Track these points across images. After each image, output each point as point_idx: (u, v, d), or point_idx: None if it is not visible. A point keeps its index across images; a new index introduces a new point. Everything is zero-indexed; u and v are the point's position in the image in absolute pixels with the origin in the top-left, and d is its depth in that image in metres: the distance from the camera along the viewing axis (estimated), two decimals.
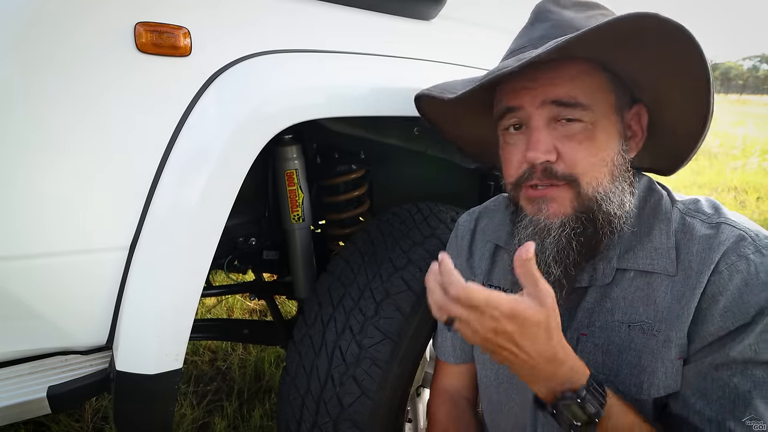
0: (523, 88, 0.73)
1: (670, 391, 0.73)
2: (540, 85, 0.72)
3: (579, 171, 0.72)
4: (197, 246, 0.80)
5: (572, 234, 0.73)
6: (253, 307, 2.70)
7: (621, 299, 0.77)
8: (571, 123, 0.71)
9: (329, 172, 1.37)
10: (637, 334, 0.75)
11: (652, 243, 0.76)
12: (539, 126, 0.72)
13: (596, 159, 0.72)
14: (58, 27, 0.67)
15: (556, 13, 0.77)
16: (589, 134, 0.71)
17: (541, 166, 0.72)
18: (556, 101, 0.71)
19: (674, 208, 0.78)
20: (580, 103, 0.70)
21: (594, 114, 0.71)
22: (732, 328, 0.68)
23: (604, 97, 0.72)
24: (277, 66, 0.87)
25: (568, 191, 0.73)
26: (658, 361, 0.73)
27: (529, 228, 0.76)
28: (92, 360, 0.89)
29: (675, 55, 0.65)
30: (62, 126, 0.69)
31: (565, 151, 0.72)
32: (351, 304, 1.02)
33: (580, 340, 0.79)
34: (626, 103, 0.76)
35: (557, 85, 0.71)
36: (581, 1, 0.79)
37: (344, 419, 0.94)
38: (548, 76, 0.71)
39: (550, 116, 0.72)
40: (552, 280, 0.75)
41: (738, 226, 0.73)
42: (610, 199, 0.73)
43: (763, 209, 5.14)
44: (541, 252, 0.74)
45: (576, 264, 0.75)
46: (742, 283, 0.68)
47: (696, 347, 0.71)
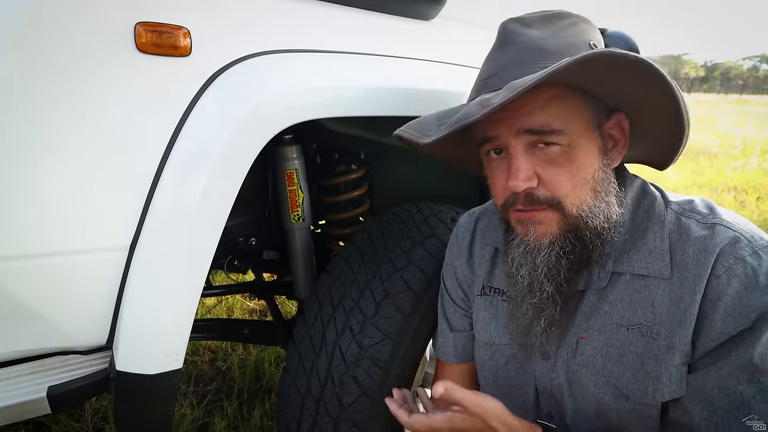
0: (497, 119, 0.73)
1: (675, 396, 0.73)
2: (513, 114, 0.71)
3: (561, 194, 0.72)
4: (197, 246, 0.80)
5: (561, 252, 0.74)
6: (253, 307, 2.70)
7: (618, 302, 0.77)
8: (548, 147, 0.71)
9: (329, 172, 1.37)
10: (636, 337, 0.75)
11: (647, 246, 0.76)
12: (517, 153, 0.72)
13: (577, 179, 0.72)
14: (58, 27, 0.67)
15: (522, 35, 0.75)
16: (568, 156, 0.71)
17: (524, 193, 0.73)
18: (530, 130, 0.71)
19: (668, 210, 0.78)
20: (554, 129, 0.70)
21: (570, 136, 0.71)
22: (734, 332, 0.68)
23: (579, 116, 0.72)
24: (277, 66, 0.87)
25: (554, 213, 0.74)
26: (662, 366, 0.73)
27: (520, 247, 0.77)
28: (92, 360, 0.89)
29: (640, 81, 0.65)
30: (62, 126, 0.69)
31: (545, 176, 0.72)
32: (351, 304, 1.02)
33: (579, 343, 0.79)
34: (604, 114, 0.75)
35: (530, 114, 0.71)
36: (546, 14, 0.77)
37: (344, 419, 0.94)
38: (519, 106, 0.70)
39: (528, 142, 0.72)
40: (545, 297, 0.76)
41: (733, 227, 0.73)
42: (595, 215, 0.73)
43: (763, 209, 5.14)
44: (533, 270, 0.76)
45: (568, 279, 0.76)
46: (741, 286, 0.68)
47: (699, 352, 0.71)
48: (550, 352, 0.82)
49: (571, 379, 0.80)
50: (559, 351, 0.81)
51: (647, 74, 0.63)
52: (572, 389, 0.81)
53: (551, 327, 0.79)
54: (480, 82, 0.79)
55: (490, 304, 0.92)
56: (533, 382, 0.86)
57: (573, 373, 0.80)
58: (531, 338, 0.82)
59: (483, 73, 0.80)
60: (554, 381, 0.82)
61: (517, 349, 0.87)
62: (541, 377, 0.84)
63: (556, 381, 0.82)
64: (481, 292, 0.93)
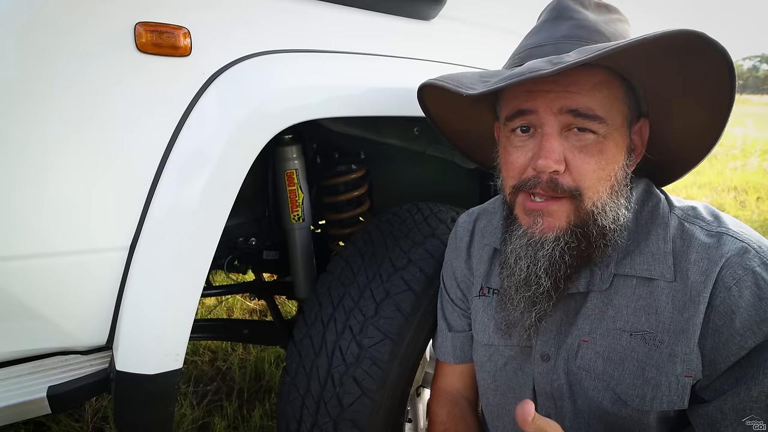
0: (541, 90, 0.70)
1: (675, 407, 0.72)
2: (560, 89, 0.68)
3: (585, 185, 0.70)
4: (197, 246, 0.80)
5: (565, 248, 0.72)
6: (253, 307, 2.70)
7: (624, 307, 0.76)
8: (584, 133, 0.69)
9: (329, 172, 1.37)
10: (638, 343, 0.74)
11: (649, 248, 0.75)
12: (552, 132, 0.70)
13: (603, 173, 0.70)
14: (59, 27, 0.67)
15: (578, 12, 0.74)
16: (601, 147, 0.69)
17: (547, 176, 0.70)
18: (575, 111, 0.68)
19: (672, 214, 0.77)
20: (597, 115, 0.68)
21: (608, 127, 0.69)
22: (753, 345, 0.67)
23: (618, 109, 0.71)
24: (277, 66, 0.87)
25: (569, 205, 0.72)
26: (662, 375, 0.72)
27: (523, 239, 0.75)
28: (92, 360, 0.89)
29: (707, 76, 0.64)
30: (62, 126, 0.69)
31: (574, 163, 0.70)
32: (351, 304, 1.02)
33: (581, 346, 0.79)
34: (634, 117, 0.74)
35: (577, 93, 0.68)
36: (600, 3, 0.77)
37: (344, 419, 0.94)
38: (569, 82, 0.68)
39: (564, 124, 0.70)
40: (541, 291, 0.75)
41: (740, 237, 0.71)
42: (605, 214, 0.72)
43: (763, 209, 5.13)
44: (532, 264, 0.74)
45: (567, 276, 0.75)
46: (755, 298, 0.67)
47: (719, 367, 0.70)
48: (551, 353, 0.82)
49: (571, 381, 0.80)
50: (559, 353, 0.81)
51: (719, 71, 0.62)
52: (572, 391, 0.80)
53: (540, 321, 0.78)
54: (527, 50, 0.76)
55: (488, 305, 0.91)
56: (531, 383, 0.85)
57: (574, 375, 0.79)
58: (517, 329, 0.81)
59: (528, 43, 0.77)
60: (554, 383, 0.82)
61: (515, 350, 0.87)
62: (541, 378, 0.83)
63: (557, 383, 0.81)
64: (479, 293, 0.93)
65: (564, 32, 0.73)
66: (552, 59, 0.65)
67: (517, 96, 0.73)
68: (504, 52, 0.88)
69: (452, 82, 0.77)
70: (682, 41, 0.60)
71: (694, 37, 0.58)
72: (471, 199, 1.60)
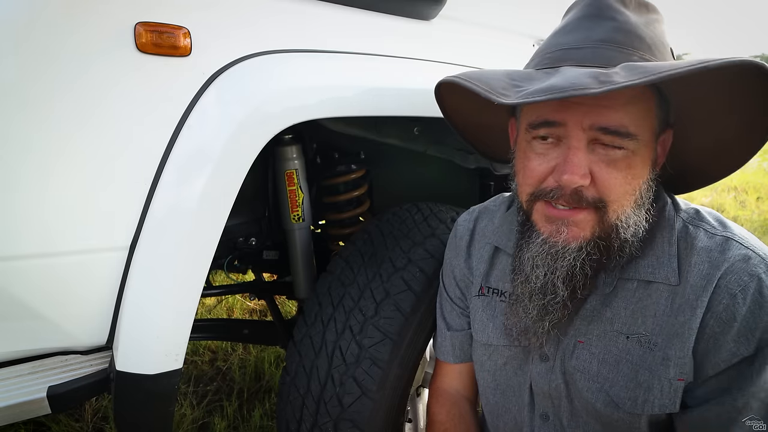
0: (572, 103, 0.66)
1: (666, 410, 0.72)
2: (592, 104, 0.65)
3: (610, 198, 0.68)
4: (197, 246, 0.80)
5: (587, 259, 0.70)
6: (253, 307, 2.70)
7: (622, 309, 0.76)
8: (612, 149, 0.66)
9: (329, 172, 1.37)
10: (634, 346, 0.74)
11: (654, 251, 0.74)
12: (580, 147, 0.66)
13: (629, 187, 0.68)
14: (59, 27, 0.67)
15: (620, 13, 0.68)
16: (629, 162, 0.67)
17: (572, 189, 0.68)
18: (605, 129, 0.65)
19: (678, 216, 0.76)
20: (629, 133, 0.65)
21: (638, 143, 0.66)
22: (744, 354, 0.66)
23: (650, 124, 0.68)
24: (277, 66, 0.86)
25: (593, 216, 0.69)
26: (655, 378, 0.71)
27: (543, 247, 0.72)
28: (92, 360, 0.89)
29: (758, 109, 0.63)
30: (62, 126, 0.69)
31: (601, 177, 0.67)
32: (351, 304, 1.02)
33: (576, 346, 0.79)
34: (662, 128, 0.71)
35: (610, 108, 0.64)
36: (641, 2, 0.72)
37: (344, 419, 0.94)
38: (603, 97, 0.62)
39: (592, 138, 0.66)
40: (557, 300, 0.73)
41: (745, 243, 0.71)
42: (628, 227, 0.70)
43: (763, 209, 5.13)
44: (550, 272, 0.72)
45: (583, 285, 0.73)
46: (755, 305, 0.66)
47: (708, 372, 0.69)
48: (549, 353, 0.82)
49: (568, 381, 0.80)
50: (557, 353, 0.81)
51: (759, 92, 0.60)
52: (569, 391, 0.80)
53: (554, 330, 0.77)
54: (559, 51, 0.71)
55: (487, 304, 0.91)
56: (529, 383, 0.85)
57: (570, 375, 0.79)
58: (531, 338, 0.80)
59: (561, 42, 0.71)
60: (552, 383, 0.82)
61: (515, 350, 0.87)
62: (539, 378, 0.83)
63: (554, 383, 0.81)
64: (479, 292, 0.93)
65: (603, 35, 0.67)
66: (598, 75, 0.60)
67: (546, 104, 0.68)
68: (504, 52, 0.87)
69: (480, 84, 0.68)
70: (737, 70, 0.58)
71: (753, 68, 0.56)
72: (471, 199, 1.60)
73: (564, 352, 0.80)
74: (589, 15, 0.70)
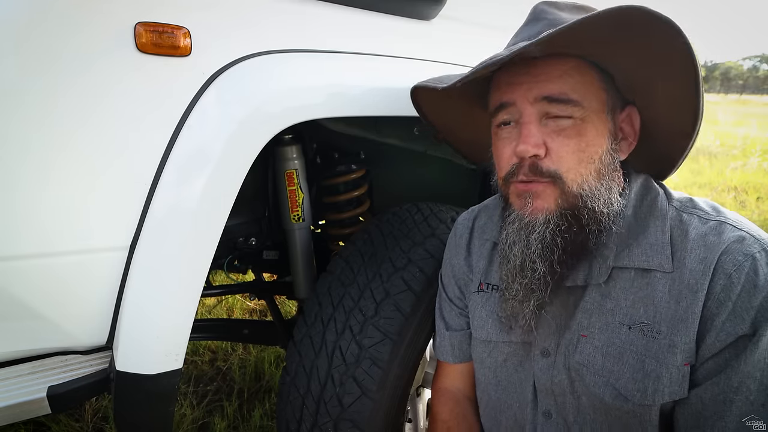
0: (516, 82, 0.74)
1: (676, 397, 0.72)
2: (532, 79, 0.73)
3: (565, 167, 0.73)
4: (197, 246, 0.80)
5: (556, 230, 0.74)
6: (253, 307, 2.70)
7: (622, 300, 0.76)
8: (561, 119, 0.72)
9: (329, 172, 1.37)
10: (636, 336, 0.74)
11: (647, 239, 0.76)
12: (530, 121, 0.74)
13: (583, 155, 0.73)
14: (59, 27, 0.67)
15: (552, 13, 0.78)
16: (579, 130, 0.73)
17: (529, 161, 0.74)
18: (548, 97, 0.72)
19: (670, 206, 0.78)
20: (570, 99, 0.72)
21: (584, 110, 0.72)
22: (739, 334, 0.67)
23: (594, 93, 0.74)
24: (277, 66, 0.87)
25: (553, 188, 0.74)
26: (662, 366, 0.72)
27: (515, 223, 0.77)
28: (92, 360, 0.89)
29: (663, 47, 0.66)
30: (62, 126, 0.69)
31: (553, 147, 0.73)
32: (351, 304, 1.02)
33: (579, 341, 0.79)
34: (618, 104, 0.77)
35: (549, 80, 0.72)
36: (577, 4, 0.80)
37: (344, 419, 0.94)
38: (539, 72, 0.73)
39: (542, 112, 0.73)
40: (537, 276, 0.76)
41: (738, 225, 0.72)
42: (596, 197, 0.74)
43: (763, 209, 5.13)
44: (526, 248, 0.76)
45: (562, 261, 0.75)
46: (750, 285, 0.67)
47: (705, 354, 0.70)
48: (550, 349, 0.82)
49: (573, 377, 0.80)
50: (559, 348, 0.81)
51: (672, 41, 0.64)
52: (574, 388, 0.80)
53: (540, 309, 0.79)
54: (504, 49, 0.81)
55: (487, 300, 0.92)
56: (531, 379, 0.86)
57: (574, 371, 0.79)
58: (518, 321, 0.81)
59: (509, 43, 0.82)
60: (555, 378, 0.82)
61: (515, 346, 0.87)
62: (541, 374, 0.83)
63: (557, 378, 0.81)
64: (478, 288, 0.93)
65: (537, 30, 0.76)
66: (511, 48, 0.71)
67: (498, 90, 0.78)
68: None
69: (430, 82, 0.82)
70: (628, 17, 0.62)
71: (636, 11, 0.60)
72: (471, 199, 1.60)
73: (567, 347, 0.80)
74: (528, 21, 0.81)
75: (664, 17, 0.61)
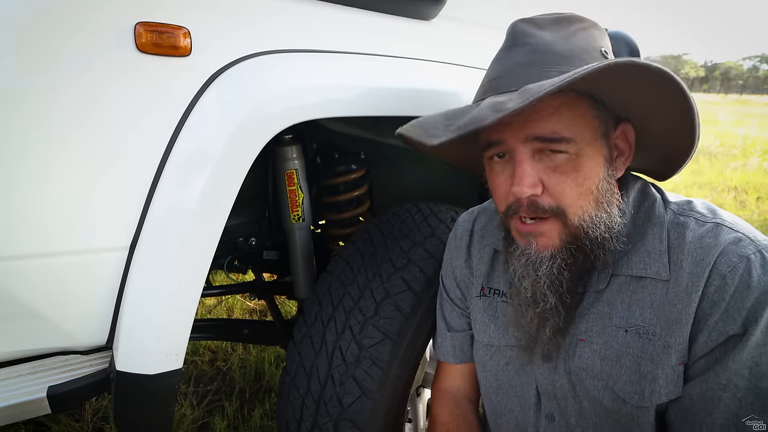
0: (505, 121, 0.70)
1: (672, 396, 0.72)
2: (522, 119, 0.70)
3: (565, 203, 0.72)
4: (197, 246, 0.80)
5: (563, 265, 0.74)
6: (253, 307, 2.70)
7: (618, 303, 0.76)
8: (555, 154, 0.70)
9: (329, 172, 1.37)
10: (633, 339, 0.74)
11: (645, 247, 0.75)
12: (524, 159, 0.71)
13: (582, 189, 0.71)
14: (58, 28, 0.67)
15: (533, 36, 0.74)
16: (574, 164, 0.70)
17: (527, 200, 0.72)
18: (539, 137, 0.70)
19: (667, 210, 0.78)
20: (563, 137, 0.69)
21: (577, 145, 0.70)
22: (730, 333, 0.67)
23: (587, 125, 0.71)
24: (277, 66, 0.86)
25: (556, 224, 0.73)
26: (658, 368, 0.72)
27: (522, 259, 0.77)
28: (92, 360, 0.89)
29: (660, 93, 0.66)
30: (62, 126, 0.69)
31: (550, 184, 0.71)
32: (351, 304, 1.02)
33: (578, 345, 0.79)
34: (611, 124, 0.75)
35: (540, 119, 0.69)
36: (557, 17, 0.76)
37: (344, 419, 0.94)
38: (530, 111, 0.69)
39: (535, 149, 0.71)
40: (549, 307, 0.75)
41: (735, 227, 0.72)
42: (597, 226, 0.73)
43: (763, 209, 5.13)
44: (536, 282, 0.75)
45: (570, 290, 0.75)
46: (743, 286, 0.67)
47: (696, 353, 0.70)
48: (552, 353, 0.82)
49: (574, 382, 0.80)
50: (560, 353, 0.81)
51: (666, 86, 0.63)
52: (575, 392, 0.80)
53: (556, 336, 0.79)
54: (487, 83, 0.78)
55: (489, 305, 0.91)
56: (534, 383, 0.86)
57: (575, 375, 0.79)
58: (539, 345, 0.82)
59: (490, 74, 0.78)
60: (556, 383, 0.82)
61: (517, 350, 0.87)
62: (543, 379, 0.84)
63: (558, 383, 0.81)
64: (480, 293, 0.93)
65: (518, 60, 0.73)
66: (496, 105, 0.67)
67: (487, 128, 0.73)
68: None
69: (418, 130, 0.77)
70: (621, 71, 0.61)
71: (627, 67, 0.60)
72: (471, 199, 1.60)
73: (567, 351, 0.80)
74: (507, 46, 0.77)
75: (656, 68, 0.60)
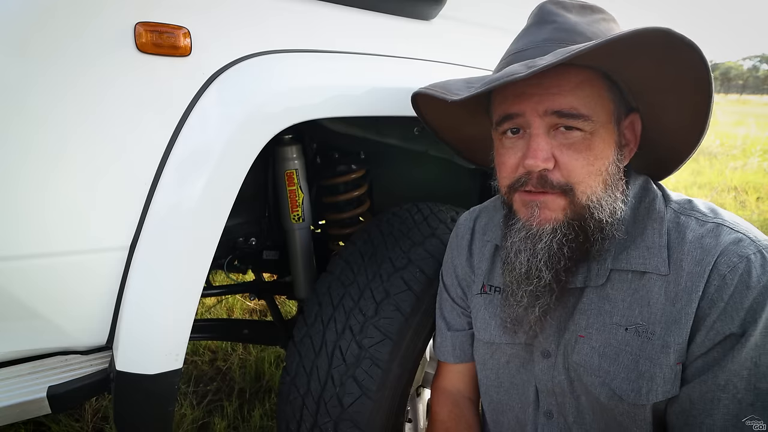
0: (525, 94, 0.72)
1: (669, 396, 0.72)
2: (543, 92, 0.71)
3: (575, 180, 0.72)
4: (197, 246, 0.80)
5: (563, 240, 0.74)
6: (253, 307, 2.70)
7: (620, 301, 0.76)
8: (570, 131, 0.71)
9: (329, 172, 1.37)
10: (632, 337, 0.75)
11: (645, 242, 0.76)
12: (539, 133, 0.72)
13: (593, 168, 0.72)
14: (59, 28, 0.67)
15: (560, 15, 0.76)
16: (588, 143, 0.71)
17: (538, 174, 0.72)
18: (558, 112, 0.70)
19: (668, 207, 0.78)
20: (581, 114, 0.70)
21: (593, 124, 0.71)
22: (727, 333, 0.67)
23: (604, 106, 0.72)
24: (278, 66, 0.86)
25: (562, 199, 0.73)
26: (656, 367, 0.72)
27: (522, 232, 0.77)
28: (92, 360, 0.89)
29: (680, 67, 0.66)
30: (63, 126, 0.69)
31: (563, 160, 0.72)
32: (351, 304, 1.02)
33: (577, 341, 0.79)
34: (623, 112, 0.76)
35: (560, 94, 0.70)
36: (584, 5, 0.78)
37: (344, 419, 0.94)
38: (551, 84, 0.70)
39: (550, 124, 0.72)
40: (542, 284, 0.76)
41: (736, 227, 0.72)
42: (602, 208, 0.73)
43: (763, 209, 5.13)
44: (532, 256, 0.75)
45: (567, 269, 0.75)
46: (742, 286, 0.67)
47: (694, 353, 0.70)
48: (551, 350, 0.82)
49: (572, 378, 0.80)
50: (558, 349, 0.81)
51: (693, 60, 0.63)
52: (573, 388, 0.81)
53: (545, 315, 0.79)
54: (510, 56, 0.78)
55: (489, 302, 0.92)
56: (533, 380, 0.86)
57: (573, 371, 0.80)
58: (523, 326, 0.81)
59: (513, 48, 0.79)
60: (555, 379, 0.82)
61: (518, 348, 0.87)
62: (542, 375, 0.84)
63: (557, 379, 0.82)
64: (481, 290, 0.93)
65: (545, 36, 0.75)
66: (528, 63, 0.67)
67: (505, 101, 0.75)
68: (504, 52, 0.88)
69: (439, 89, 0.79)
70: (651, 38, 0.62)
71: (662, 33, 0.60)
72: (471, 198, 1.60)
73: (566, 348, 0.80)
74: (534, 23, 0.79)
75: (688, 40, 0.60)
